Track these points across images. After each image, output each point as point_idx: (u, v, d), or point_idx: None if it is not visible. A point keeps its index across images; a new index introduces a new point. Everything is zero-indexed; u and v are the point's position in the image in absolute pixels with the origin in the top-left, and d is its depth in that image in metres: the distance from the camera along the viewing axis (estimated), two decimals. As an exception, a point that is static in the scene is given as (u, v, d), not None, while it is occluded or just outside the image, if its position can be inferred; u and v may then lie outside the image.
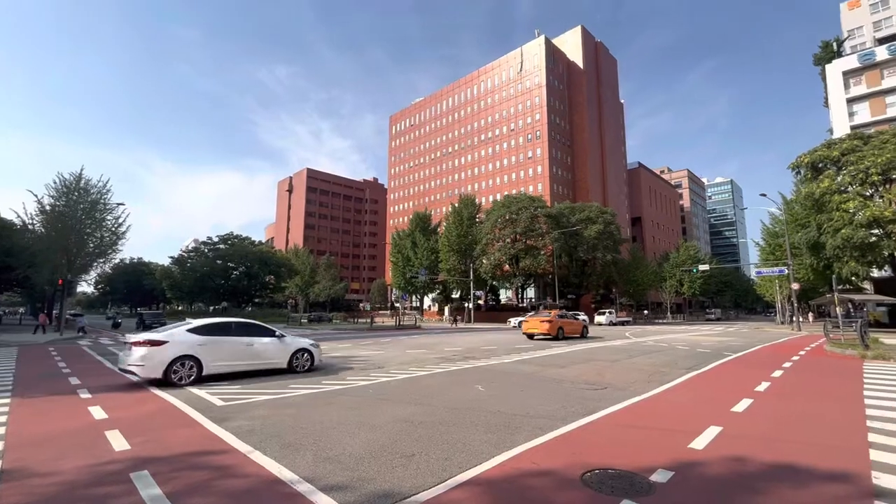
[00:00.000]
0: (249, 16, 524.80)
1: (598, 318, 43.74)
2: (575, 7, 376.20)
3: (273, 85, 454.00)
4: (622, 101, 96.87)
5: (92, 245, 30.96)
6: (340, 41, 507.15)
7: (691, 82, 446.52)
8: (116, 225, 31.83)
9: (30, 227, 33.08)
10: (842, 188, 27.94)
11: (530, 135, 76.74)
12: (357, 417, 6.22)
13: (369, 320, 47.52)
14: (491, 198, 73.68)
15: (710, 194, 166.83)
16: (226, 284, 62.66)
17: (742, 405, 6.98)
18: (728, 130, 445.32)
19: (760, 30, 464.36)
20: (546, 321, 22.14)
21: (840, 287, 29.15)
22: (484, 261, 52.66)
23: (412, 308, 67.47)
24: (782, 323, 44.50)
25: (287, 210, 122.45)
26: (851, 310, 32.15)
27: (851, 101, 45.34)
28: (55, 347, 18.96)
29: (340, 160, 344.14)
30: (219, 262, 62.02)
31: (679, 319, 69.11)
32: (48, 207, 29.81)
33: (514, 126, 79.45)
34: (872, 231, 26.15)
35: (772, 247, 44.96)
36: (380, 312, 66.54)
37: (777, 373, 10.64)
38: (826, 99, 48.98)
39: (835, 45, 50.09)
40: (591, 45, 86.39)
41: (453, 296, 63.63)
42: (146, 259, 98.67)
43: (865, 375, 10.08)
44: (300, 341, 11.13)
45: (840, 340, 17.13)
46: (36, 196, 30.10)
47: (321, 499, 3.51)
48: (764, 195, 35.29)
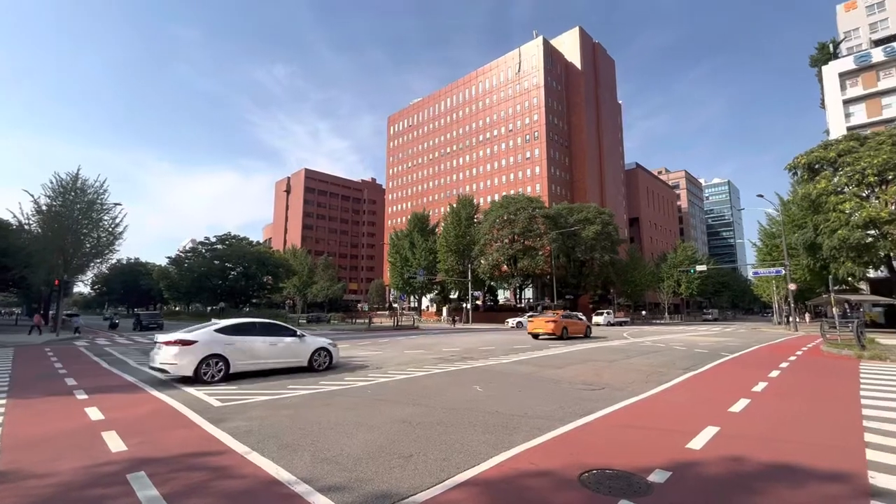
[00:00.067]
0: (247, 16, 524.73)
1: (596, 319, 43.77)
2: (573, 8, 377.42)
3: (271, 85, 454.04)
4: (620, 102, 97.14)
5: (89, 245, 30.87)
6: (339, 41, 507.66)
7: (689, 83, 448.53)
8: (113, 225, 31.77)
9: (26, 228, 32.95)
10: (838, 189, 28.07)
11: (528, 135, 76.83)
12: (355, 418, 6.21)
13: (367, 321, 47.44)
14: (489, 198, 73.79)
15: (708, 195, 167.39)
16: (223, 285, 62.45)
17: (739, 405, 7.01)
18: (725, 131, 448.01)
19: (757, 31, 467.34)
20: (551, 321, 22.68)
21: (836, 288, 29.28)
22: (482, 261, 52.70)
23: (410, 308, 67.40)
24: (779, 323, 44.66)
25: (285, 210, 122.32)
26: (848, 310, 32.22)
27: (848, 103, 45.56)
28: (52, 348, 18.87)
29: (339, 161, 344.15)
30: (216, 263, 61.81)
31: (677, 320, 69.27)
32: (44, 207, 29.70)
33: (513, 127, 79.55)
34: (869, 232, 26.25)
35: (769, 247, 45.11)
36: (378, 313, 66.39)
37: (774, 373, 10.69)
38: (822, 100, 49.18)
39: (831, 47, 50.31)
40: (589, 46, 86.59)
41: (451, 296, 63.64)
42: (143, 259, 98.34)
43: (862, 376, 10.14)
44: (319, 340, 11.51)
45: (837, 341, 17.20)
46: (32, 196, 30.00)
47: (319, 499, 3.51)
48: (761, 196, 35.45)
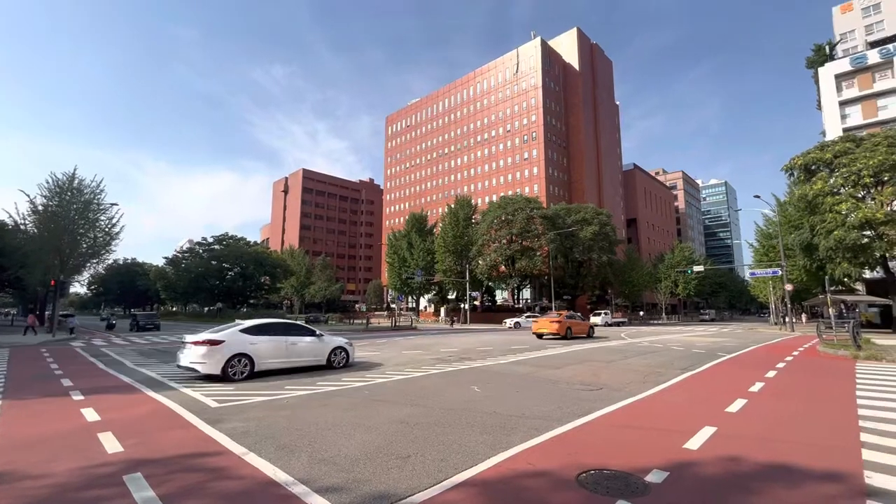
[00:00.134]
0: (246, 16, 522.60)
1: (594, 319, 43.76)
2: (570, 9, 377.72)
3: (269, 85, 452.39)
4: (618, 103, 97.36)
5: (85, 245, 30.81)
6: (338, 41, 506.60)
7: (686, 84, 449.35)
8: (110, 225, 31.74)
9: (22, 228, 32.86)
10: (834, 190, 28.20)
11: (526, 136, 76.93)
12: (353, 419, 6.20)
13: (365, 321, 47.36)
14: (487, 199, 73.84)
15: (705, 196, 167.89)
16: (221, 285, 62.32)
17: (736, 405, 7.03)
18: (722, 132, 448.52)
19: (754, 33, 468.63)
20: (555, 321, 23.09)
21: (833, 288, 29.38)
22: (480, 262, 52.72)
23: (408, 309, 67.41)
24: (776, 324, 44.81)
25: (283, 211, 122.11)
26: (844, 311, 32.43)
27: (844, 104, 45.79)
28: (47, 349, 18.77)
29: (337, 161, 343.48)
30: (213, 263, 61.68)
31: (674, 320, 69.42)
32: (41, 207, 29.63)
33: (511, 127, 79.63)
34: (864, 233, 26.38)
35: (765, 248, 45.28)
36: (376, 313, 66.36)
37: (771, 373, 10.73)
38: (819, 102, 49.45)
39: (827, 49, 50.60)
40: (587, 47, 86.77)
41: (449, 297, 63.64)
42: (140, 259, 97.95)
43: (858, 376, 10.18)
44: (337, 340, 11.98)
45: (833, 341, 17.28)
46: (28, 196, 29.94)
47: (316, 500, 3.50)
48: (758, 197, 35.62)
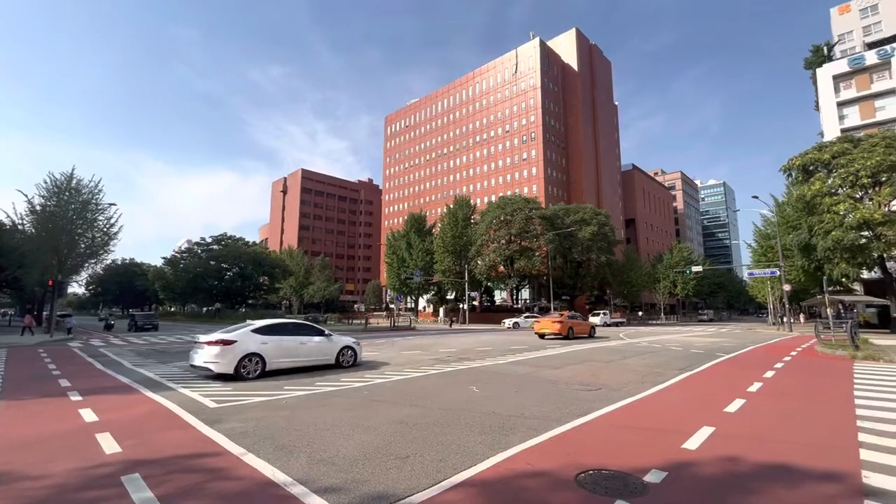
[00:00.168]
0: (245, 16, 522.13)
1: (592, 320, 43.74)
2: (569, 10, 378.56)
3: (268, 85, 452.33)
4: (616, 104, 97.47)
5: (83, 245, 30.70)
6: (336, 42, 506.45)
7: (685, 85, 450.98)
8: (108, 225, 31.61)
9: (19, 228, 32.75)
10: (832, 190, 28.28)
11: (525, 136, 76.97)
12: (351, 419, 6.20)
13: (364, 321, 47.38)
14: (486, 199, 73.81)
15: (703, 196, 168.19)
16: (219, 285, 62.21)
17: (735, 405, 7.04)
18: (721, 133, 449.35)
19: (753, 34, 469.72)
20: (557, 322, 23.30)
21: (831, 288, 29.53)
22: (479, 262, 52.72)
23: (407, 309, 67.36)
24: (774, 324, 44.87)
25: (281, 211, 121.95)
26: (842, 311, 32.45)
27: (841, 105, 45.90)
28: (45, 349, 18.72)
29: (336, 161, 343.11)
30: (212, 263, 61.57)
31: (672, 320, 69.53)
32: (38, 207, 29.52)
33: (509, 128, 79.67)
34: (862, 233, 26.45)
35: (764, 248, 45.33)
36: (375, 313, 66.35)
37: (769, 373, 10.75)
38: (817, 102, 49.57)
39: (825, 50, 50.70)
40: (586, 48, 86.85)
41: (448, 297, 63.60)
42: (138, 260, 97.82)
43: (855, 376, 10.21)
44: (345, 339, 12.16)
45: (831, 341, 17.31)
46: (26, 196, 29.83)
47: (315, 501, 3.50)
48: (756, 197, 35.61)
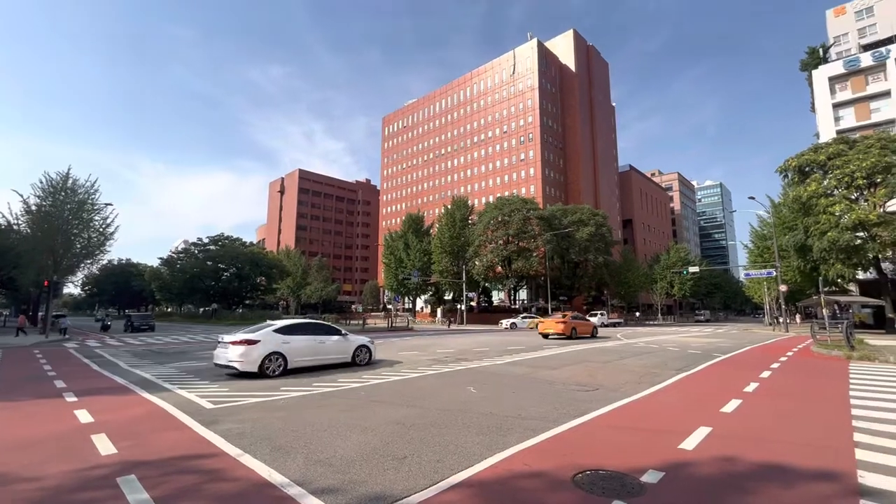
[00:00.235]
0: (243, 16, 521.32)
1: (590, 320, 43.87)
2: (567, 11, 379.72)
3: (266, 85, 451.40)
4: (613, 105, 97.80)
5: (79, 246, 30.55)
6: (334, 42, 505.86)
7: (682, 86, 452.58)
8: (104, 225, 31.46)
9: (15, 228, 32.59)
10: (828, 192, 28.44)
11: (523, 137, 77.08)
12: (348, 420, 6.19)
13: (361, 322, 47.31)
14: (484, 199, 73.85)
15: (700, 197, 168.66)
16: (216, 286, 62.01)
17: (731, 406, 7.07)
18: (718, 134, 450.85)
19: (749, 35, 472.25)
20: (561, 322, 23.78)
21: (826, 289, 29.57)
22: (476, 262, 52.71)
23: (405, 310, 67.26)
24: (770, 324, 45.06)
25: (279, 211, 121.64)
26: (837, 311, 32.56)
27: (837, 107, 46.17)
28: (40, 350, 18.62)
29: (333, 162, 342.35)
30: (209, 264, 61.32)
31: (669, 321, 69.69)
32: (34, 207, 29.36)
33: (507, 128, 79.76)
34: (858, 234, 26.61)
35: (760, 249, 45.54)
36: (372, 314, 66.25)
37: (765, 374, 10.79)
38: (813, 104, 49.79)
39: (821, 52, 50.96)
40: (583, 49, 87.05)
41: (446, 297, 63.55)
42: (135, 260, 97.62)
43: (851, 376, 10.25)
44: (360, 339, 12.60)
45: (826, 342, 17.40)
46: (21, 196, 29.69)
47: (312, 502, 3.49)
48: (752, 198, 35.76)
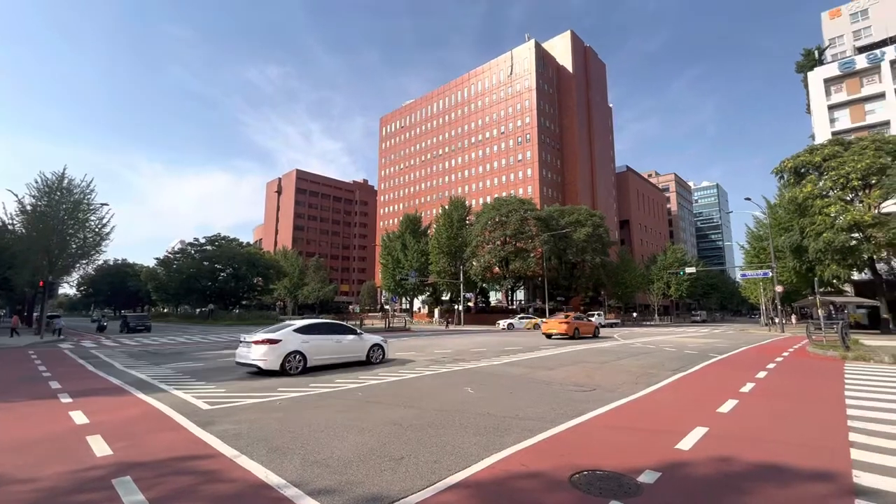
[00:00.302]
0: (241, 16, 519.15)
1: (592, 321, 43.90)
2: (564, 12, 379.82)
3: (263, 85, 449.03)
4: (611, 106, 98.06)
5: (74, 246, 30.44)
6: (332, 42, 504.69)
7: (679, 87, 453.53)
8: (100, 225, 31.37)
9: (9, 228, 32.42)
10: (823, 193, 28.61)
11: (520, 138, 77.19)
12: (345, 420, 6.17)
13: (358, 322, 47.21)
14: (481, 200, 73.96)
15: (697, 198, 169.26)
16: (213, 286, 61.74)
17: (727, 406, 7.09)
18: (714, 135, 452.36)
19: (745, 37, 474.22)
20: (564, 322, 24.34)
21: (822, 289, 29.74)
22: (474, 263, 52.74)
23: (402, 310, 67.18)
24: (766, 325, 45.27)
25: (276, 211, 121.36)
26: (833, 312, 32.78)
27: (832, 108, 46.49)
28: (35, 351, 18.49)
29: (331, 162, 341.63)
30: (205, 264, 61.06)
31: (666, 321, 69.95)
32: (29, 207, 29.23)
33: (505, 129, 79.86)
34: (853, 235, 26.77)
35: (756, 250, 45.75)
36: (369, 314, 66.11)
37: (761, 374, 10.83)
38: (808, 106, 50.14)
39: (816, 54, 51.34)
40: (581, 50, 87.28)
41: (443, 298, 63.56)
42: (131, 260, 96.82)
43: (846, 376, 10.31)
44: (374, 338, 12.96)
45: (822, 342, 17.49)
46: (16, 196, 29.56)
47: (308, 503, 3.48)
48: (749, 199, 36.02)
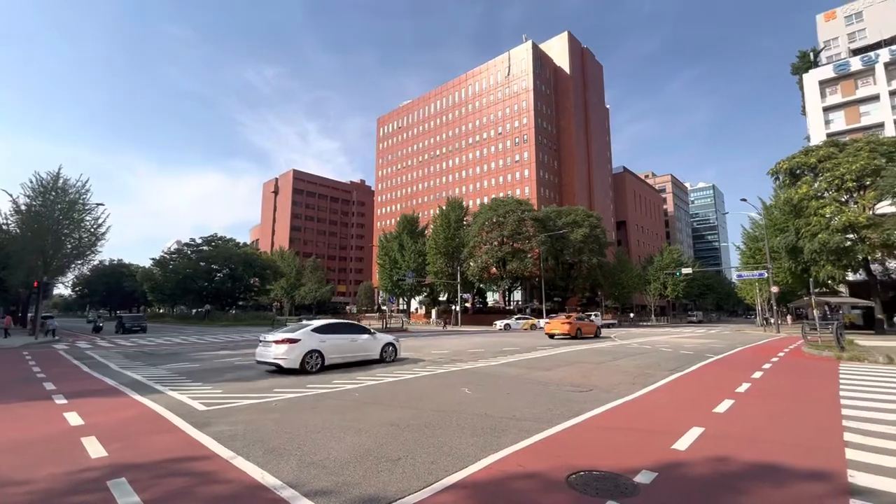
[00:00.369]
0: (239, 16, 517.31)
1: (593, 321, 43.93)
2: (562, 13, 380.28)
3: (260, 85, 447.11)
4: (608, 107, 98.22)
5: (70, 246, 30.23)
6: (329, 42, 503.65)
7: (675, 89, 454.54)
8: (95, 226, 31.17)
9: (4, 228, 32.21)
10: (818, 194, 28.79)
11: (518, 138, 77.29)
12: (342, 421, 6.16)
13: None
14: (478, 201, 73.98)
15: (693, 199, 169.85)
16: (209, 287, 61.52)
17: (723, 406, 7.11)
18: (711, 136, 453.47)
19: (741, 39, 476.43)
20: (566, 323, 25.01)
21: (817, 290, 29.95)
22: (471, 263, 52.72)
23: (399, 311, 67.08)
24: (762, 325, 45.47)
25: (273, 212, 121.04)
26: (828, 312, 32.96)
27: (827, 110, 46.79)
28: (29, 351, 18.38)
29: (328, 162, 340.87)
30: (202, 264, 60.87)
31: (663, 322, 70.14)
32: (24, 207, 29.03)
33: (502, 129, 79.94)
34: (848, 236, 26.95)
35: (752, 251, 45.96)
36: (366, 315, 65.99)
37: (757, 374, 10.88)
38: (803, 107, 50.44)
39: (811, 56, 51.64)
40: (578, 51, 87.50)
41: (440, 298, 63.52)
42: (126, 261, 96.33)
43: (841, 376, 10.36)
44: (386, 337, 13.39)
45: (817, 342, 17.59)
46: (11, 195, 29.36)
47: (305, 504, 3.47)
48: (744, 200, 36.10)
